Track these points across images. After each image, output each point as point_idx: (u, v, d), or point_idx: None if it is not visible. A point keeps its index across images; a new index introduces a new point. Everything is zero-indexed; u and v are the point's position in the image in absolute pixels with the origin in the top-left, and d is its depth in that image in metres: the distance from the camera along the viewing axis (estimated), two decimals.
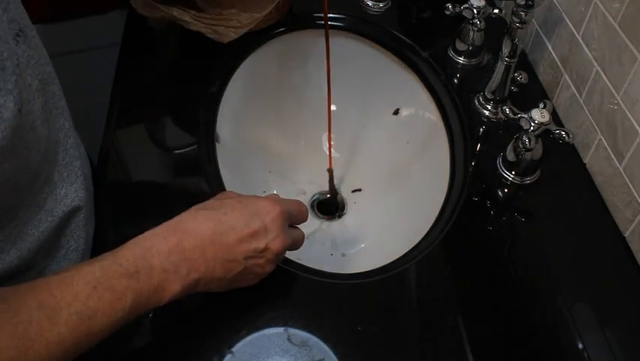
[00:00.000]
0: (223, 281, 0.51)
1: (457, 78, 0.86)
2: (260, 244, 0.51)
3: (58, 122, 0.55)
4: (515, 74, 0.75)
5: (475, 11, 0.80)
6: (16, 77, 0.42)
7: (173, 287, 0.46)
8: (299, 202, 0.59)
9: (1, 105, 0.40)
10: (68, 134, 0.57)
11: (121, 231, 0.65)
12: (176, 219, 0.50)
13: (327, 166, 0.83)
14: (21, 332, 0.37)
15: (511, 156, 0.72)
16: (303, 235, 0.60)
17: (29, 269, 0.51)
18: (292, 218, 0.57)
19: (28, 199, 0.49)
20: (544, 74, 0.84)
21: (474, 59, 0.88)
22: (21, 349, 0.37)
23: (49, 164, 0.52)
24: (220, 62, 0.84)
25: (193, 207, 0.52)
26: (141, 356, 0.56)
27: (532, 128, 0.67)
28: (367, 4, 0.96)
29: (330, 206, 0.88)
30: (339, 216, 0.87)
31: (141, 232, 0.48)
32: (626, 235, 0.66)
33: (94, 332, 0.42)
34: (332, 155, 0.93)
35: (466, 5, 0.80)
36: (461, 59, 0.88)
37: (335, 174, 0.92)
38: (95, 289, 0.41)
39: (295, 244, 0.58)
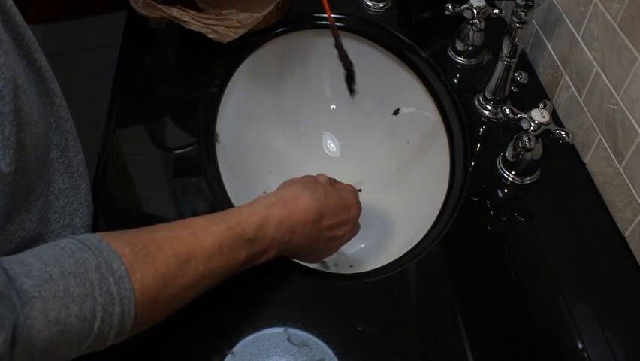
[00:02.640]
0: (301, 253, 0.59)
1: (457, 78, 0.86)
2: (340, 232, 0.60)
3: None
4: (515, 74, 0.75)
5: (475, 11, 0.80)
6: None
7: (273, 252, 0.55)
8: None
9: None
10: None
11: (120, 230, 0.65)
12: (288, 191, 0.57)
13: (327, 166, 0.83)
14: (160, 275, 0.44)
15: (511, 156, 0.72)
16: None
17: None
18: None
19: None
20: (544, 74, 0.84)
21: (474, 59, 0.88)
22: (159, 289, 0.44)
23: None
24: (220, 62, 0.84)
25: (298, 182, 0.59)
26: (141, 356, 0.56)
27: (532, 128, 0.67)
28: (367, 4, 0.96)
29: None
30: None
31: None
32: (626, 235, 0.66)
33: (213, 281, 0.50)
34: (332, 155, 0.93)
35: (466, 5, 0.80)
36: (461, 59, 0.88)
37: (335, 174, 0.91)
38: (220, 247, 0.49)
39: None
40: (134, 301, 0.42)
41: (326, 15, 0.93)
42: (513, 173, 0.72)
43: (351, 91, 0.76)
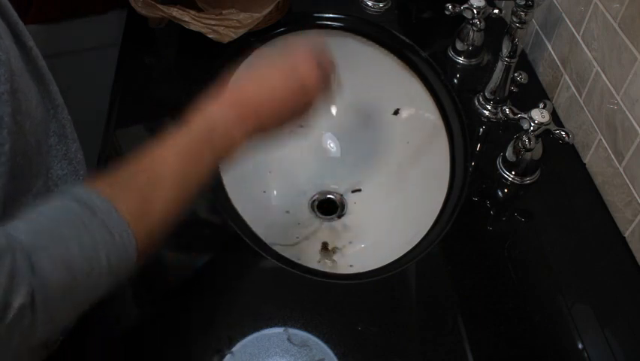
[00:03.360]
0: (281, 127, 0.58)
1: (457, 78, 0.86)
2: (302, 99, 0.58)
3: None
4: (515, 74, 0.75)
5: (475, 11, 0.80)
6: None
7: (239, 140, 0.54)
8: (319, 42, 0.63)
9: None
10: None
11: None
12: (235, 88, 0.57)
13: (327, 166, 0.83)
14: (141, 201, 0.46)
15: (511, 156, 0.72)
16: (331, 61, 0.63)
17: None
18: (321, 57, 0.62)
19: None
20: (544, 74, 0.84)
21: (474, 59, 0.88)
22: (144, 214, 0.46)
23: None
24: (220, 62, 0.84)
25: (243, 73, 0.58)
26: (141, 356, 0.56)
27: (532, 128, 0.67)
28: (367, 4, 0.96)
29: (330, 206, 0.88)
30: (339, 217, 0.86)
31: None
32: (626, 235, 0.66)
33: (191, 187, 0.51)
34: (332, 155, 0.93)
35: (466, 5, 0.80)
36: (461, 59, 0.88)
37: (335, 174, 0.91)
38: (182, 159, 0.50)
39: (328, 71, 0.62)
40: (130, 229, 0.43)
41: (326, 15, 0.93)
42: (513, 173, 0.72)
43: None
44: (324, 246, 0.82)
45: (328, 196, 0.89)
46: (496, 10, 0.81)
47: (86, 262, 0.40)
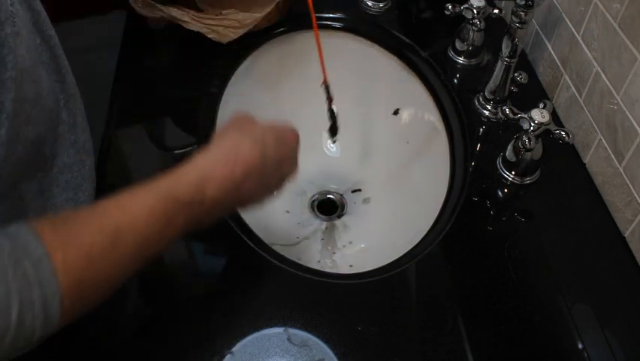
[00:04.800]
0: (250, 203, 0.55)
1: (457, 78, 0.86)
2: (284, 169, 0.56)
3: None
4: (515, 74, 0.75)
5: (475, 11, 0.80)
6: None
7: (218, 213, 0.50)
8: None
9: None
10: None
11: None
12: (228, 143, 0.52)
13: (327, 166, 0.83)
14: (84, 253, 0.40)
15: (511, 156, 0.72)
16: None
17: None
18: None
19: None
20: (544, 74, 0.84)
21: (474, 59, 0.88)
22: (84, 269, 0.40)
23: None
24: (220, 62, 0.84)
25: (235, 128, 0.54)
26: (141, 355, 0.56)
27: (532, 128, 0.67)
28: (367, 4, 0.96)
29: (330, 206, 0.88)
30: (339, 217, 0.87)
31: None
32: (626, 235, 0.66)
33: (149, 253, 0.45)
34: (332, 155, 0.93)
35: (466, 5, 0.80)
36: (461, 59, 0.88)
37: (335, 174, 0.91)
38: (151, 215, 0.44)
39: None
40: (57, 283, 0.38)
41: (326, 15, 0.93)
42: (513, 173, 0.72)
43: (333, 136, 0.79)
44: (324, 246, 0.82)
45: (328, 196, 0.89)
46: (496, 10, 0.81)
47: None
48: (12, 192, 0.48)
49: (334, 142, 0.82)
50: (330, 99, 0.77)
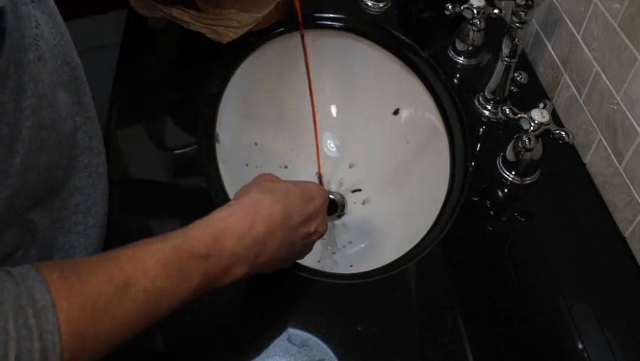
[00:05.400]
0: (283, 261, 0.53)
1: (457, 78, 0.86)
2: (312, 227, 0.55)
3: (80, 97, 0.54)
4: (515, 74, 0.75)
5: (475, 11, 0.80)
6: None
7: (240, 270, 0.47)
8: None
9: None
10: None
11: (122, 230, 0.65)
12: (247, 199, 0.50)
13: (327, 166, 0.83)
14: (90, 304, 0.38)
15: (511, 156, 0.72)
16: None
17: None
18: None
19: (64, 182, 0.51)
20: (544, 74, 0.84)
21: (474, 59, 0.88)
22: (89, 321, 0.38)
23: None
24: (220, 62, 0.84)
25: (254, 187, 0.52)
26: (141, 355, 0.56)
27: (532, 128, 0.67)
28: (367, 4, 0.96)
29: (330, 206, 0.88)
30: (339, 217, 0.87)
31: (141, 231, 0.48)
32: (626, 235, 0.66)
33: (160, 310, 0.42)
34: (332, 155, 0.93)
35: (466, 5, 0.80)
36: (461, 59, 0.88)
37: (335, 173, 0.92)
38: (164, 267, 0.42)
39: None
40: (59, 336, 0.36)
41: (326, 15, 0.93)
42: (513, 173, 0.72)
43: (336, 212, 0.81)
44: (324, 246, 0.82)
45: (328, 196, 0.89)
46: (496, 10, 0.81)
47: None
48: (21, 216, 0.46)
49: (339, 217, 0.85)
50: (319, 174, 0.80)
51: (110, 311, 0.39)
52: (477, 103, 0.81)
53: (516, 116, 0.68)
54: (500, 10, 0.82)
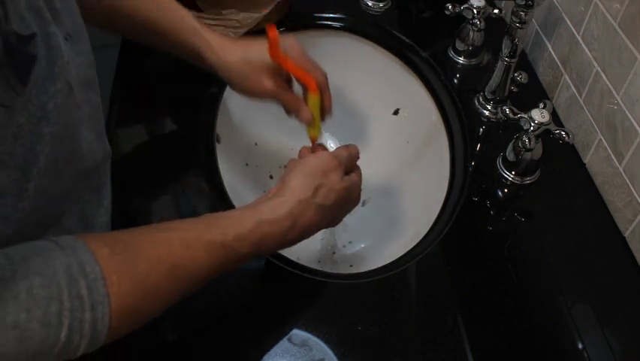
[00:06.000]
0: (323, 226, 0.57)
1: (457, 78, 0.86)
2: (344, 212, 0.59)
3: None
4: (515, 74, 0.75)
5: (475, 11, 0.80)
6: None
7: (268, 254, 0.54)
8: (346, 148, 0.62)
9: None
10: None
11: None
12: (294, 203, 0.53)
13: None
14: (139, 281, 0.41)
15: (511, 156, 0.72)
16: (359, 173, 0.63)
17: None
18: (347, 165, 0.60)
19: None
20: (544, 74, 0.84)
21: (474, 59, 0.88)
22: (137, 296, 0.40)
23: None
24: None
25: (309, 177, 0.55)
26: (140, 355, 0.56)
27: (532, 128, 0.67)
28: (367, 4, 0.96)
29: None
30: None
31: None
32: (626, 235, 0.66)
33: (195, 289, 0.46)
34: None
35: (466, 5, 0.80)
36: (461, 59, 0.88)
37: None
38: (210, 259, 0.45)
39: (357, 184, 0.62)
40: (109, 307, 0.38)
41: (326, 15, 0.93)
42: (513, 173, 0.72)
43: None
44: (324, 246, 0.82)
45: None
46: (496, 10, 0.81)
47: (42, 330, 0.35)
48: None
49: None
50: None
51: (157, 289, 0.42)
52: (477, 103, 0.81)
53: (516, 116, 0.68)
54: (500, 10, 0.82)
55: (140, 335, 0.55)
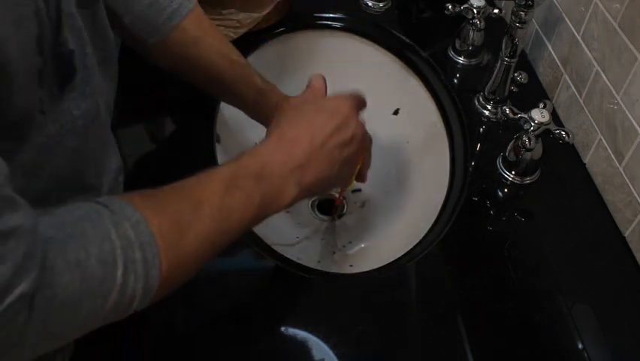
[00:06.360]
0: (332, 178, 0.55)
1: (457, 78, 0.86)
2: (347, 134, 0.56)
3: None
4: (515, 74, 0.75)
5: (475, 11, 0.80)
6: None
7: (291, 191, 0.51)
8: (356, 92, 0.62)
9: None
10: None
11: None
12: (279, 130, 0.54)
13: None
14: (175, 220, 0.42)
15: (511, 156, 0.72)
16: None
17: None
18: (358, 105, 0.61)
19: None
20: (544, 74, 0.84)
21: (474, 59, 0.88)
22: (177, 234, 0.41)
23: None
24: None
25: (282, 115, 0.57)
26: (141, 354, 0.56)
27: (532, 128, 0.67)
28: (367, 4, 0.96)
29: (330, 206, 0.88)
30: (339, 216, 0.87)
31: None
32: (626, 235, 0.66)
33: (232, 228, 0.46)
34: None
35: (466, 5, 0.81)
36: (461, 59, 0.88)
37: None
38: (227, 188, 0.46)
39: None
40: (157, 248, 0.39)
41: (326, 15, 0.93)
42: (513, 173, 0.72)
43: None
44: (324, 246, 0.82)
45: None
46: (496, 10, 0.81)
47: (100, 268, 0.36)
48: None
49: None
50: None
51: (192, 227, 0.43)
52: (477, 103, 0.81)
53: (516, 116, 0.68)
54: (500, 10, 0.82)
55: (141, 335, 0.55)
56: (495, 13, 0.81)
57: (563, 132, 0.66)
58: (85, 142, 0.46)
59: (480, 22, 0.82)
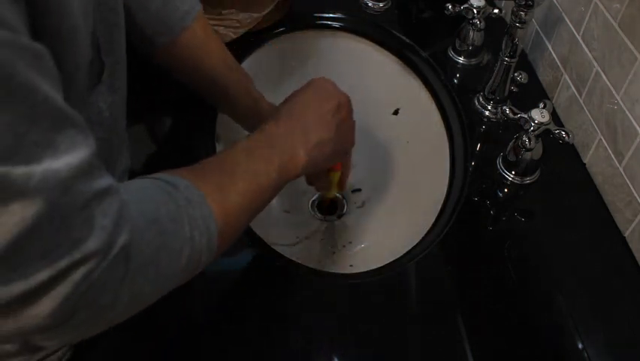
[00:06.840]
0: (332, 141, 0.60)
1: (457, 78, 0.86)
2: (334, 102, 0.62)
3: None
4: (515, 74, 0.75)
5: (475, 11, 0.80)
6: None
7: (301, 155, 0.56)
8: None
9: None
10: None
11: None
12: (277, 114, 0.59)
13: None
14: (216, 183, 0.47)
15: (511, 156, 0.72)
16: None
17: None
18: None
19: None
20: (544, 74, 0.84)
21: (474, 59, 0.88)
22: (220, 196, 0.46)
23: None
24: None
25: (277, 109, 0.61)
26: (141, 353, 0.56)
27: (532, 128, 0.67)
28: (367, 4, 0.96)
29: (330, 206, 0.88)
30: (339, 216, 0.87)
31: None
32: (626, 235, 0.66)
33: (263, 189, 0.51)
34: None
35: (466, 5, 0.80)
36: (461, 59, 0.88)
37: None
38: (249, 156, 0.52)
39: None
40: (209, 206, 0.44)
41: (326, 15, 0.93)
42: (513, 173, 0.72)
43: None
44: (324, 246, 0.82)
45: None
46: (496, 10, 0.81)
47: (172, 224, 0.40)
48: None
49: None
50: None
51: (230, 188, 0.48)
52: (477, 103, 0.81)
53: (516, 116, 0.68)
54: (500, 10, 0.82)
55: (140, 335, 0.55)
56: (495, 13, 0.81)
57: (563, 132, 0.66)
58: (110, 133, 0.49)
59: (480, 22, 0.82)
